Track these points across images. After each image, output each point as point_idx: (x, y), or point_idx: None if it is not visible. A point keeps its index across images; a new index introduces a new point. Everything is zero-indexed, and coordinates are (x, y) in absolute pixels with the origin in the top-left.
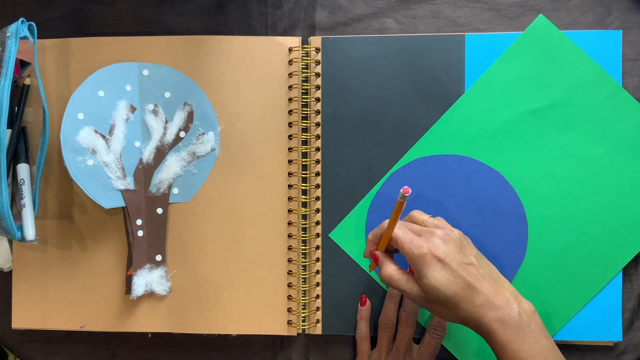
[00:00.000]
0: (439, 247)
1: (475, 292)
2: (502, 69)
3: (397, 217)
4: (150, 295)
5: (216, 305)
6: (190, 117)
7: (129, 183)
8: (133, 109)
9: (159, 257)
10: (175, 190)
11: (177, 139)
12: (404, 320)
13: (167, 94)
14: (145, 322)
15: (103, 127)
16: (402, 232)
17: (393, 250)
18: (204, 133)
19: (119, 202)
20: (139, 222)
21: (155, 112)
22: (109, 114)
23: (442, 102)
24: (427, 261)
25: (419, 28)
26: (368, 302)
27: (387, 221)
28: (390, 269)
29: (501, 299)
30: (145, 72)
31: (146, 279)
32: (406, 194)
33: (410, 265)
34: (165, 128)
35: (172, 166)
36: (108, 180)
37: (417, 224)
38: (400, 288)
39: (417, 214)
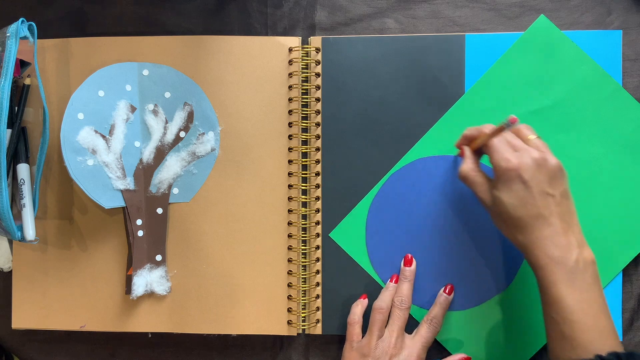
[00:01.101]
0: (529, 168)
1: (542, 224)
2: (503, 69)
3: (498, 134)
4: (150, 295)
5: (216, 305)
6: (190, 117)
7: (129, 183)
8: (133, 109)
9: (159, 257)
10: (175, 190)
11: (177, 139)
12: (397, 304)
13: (167, 94)
14: (145, 322)
15: (103, 127)
16: (498, 141)
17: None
18: (204, 133)
19: (119, 202)
20: (139, 222)
21: (155, 112)
22: (109, 114)
23: (442, 102)
24: (510, 177)
25: (419, 28)
26: (367, 301)
27: (488, 126)
28: (469, 167)
29: (564, 240)
30: (145, 72)
31: (146, 279)
32: (512, 123)
33: (494, 173)
34: (165, 128)
35: (172, 166)
36: (108, 180)
37: (520, 138)
38: (473, 187)
39: (525, 129)
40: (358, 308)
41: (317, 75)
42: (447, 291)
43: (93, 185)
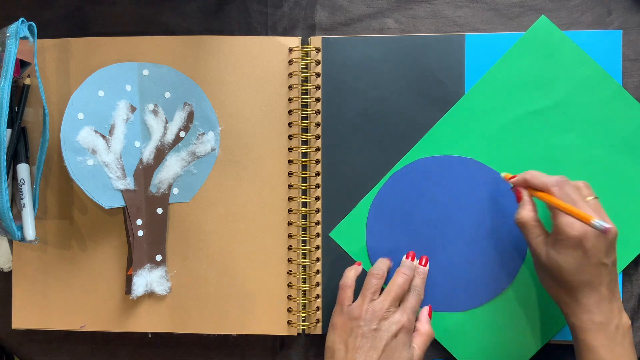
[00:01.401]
0: (591, 239)
1: (590, 291)
2: (504, 70)
3: (569, 208)
4: (150, 295)
5: (216, 305)
6: (190, 117)
7: (129, 183)
8: (133, 109)
9: (159, 257)
10: (175, 190)
11: (177, 139)
12: (401, 272)
13: (167, 94)
14: (145, 322)
15: (103, 127)
16: (570, 206)
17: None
18: (204, 133)
19: (119, 202)
20: (139, 222)
21: (155, 112)
22: (109, 114)
23: (442, 102)
24: (571, 244)
25: (419, 28)
26: (361, 267)
27: (555, 179)
28: (530, 216)
29: (608, 307)
30: (145, 72)
31: (146, 279)
32: (605, 232)
33: (553, 231)
34: (165, 128)
35: (172, 166)
36: (108, 180)
37: (579, 195)
38: (528, 238)
39: (585, 188)
40: (351, 272)
41: (317, 75)
42: (423, 263)
43: (93, 185)
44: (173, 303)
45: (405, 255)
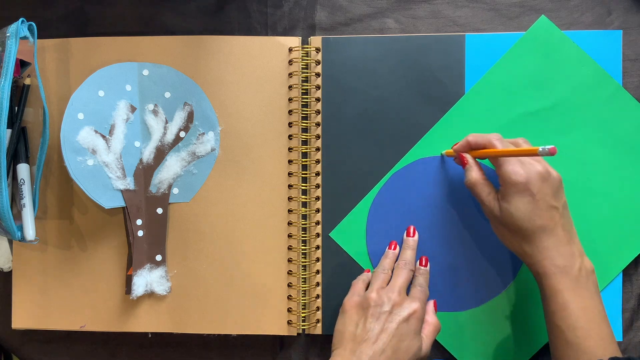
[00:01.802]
0: (535, 182)
1: (547, 235)
2: (504, 70)
3: (515, 149)
4: (150, 295)
5: (216, 305)
6: (190, 117)
7: (129, 183)
8: (133, 109)
9: (159, 257)
10: (175, 190)
11: (177, 139)
12: (401, 266)
13: (167, 94)
14: (145, 322)
15: (103, 127)
16: (515, 148)
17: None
18: (204, 133)
19: (119, 202)
20: (139, 222)
21: (155, 112)
22: (109, 114)
23: (442, 102)
24: (519, 189)
25: (419, 28)
26: (370, 274)
27: (494, 135)
28: (478, 176)
29: (567, 250)
30: (145, 72)
31: (146, 279)
32: (552, 153)
33: (500, 184)
34: (165, 128)
35: (172, 166)
36: (108, 180)
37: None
38: (480, 197)
39: (523, 142)
40: (365, 274)
41: (317, 75)
42: (423, 263)
43: (93, 185)
44: (173, 303)
45: (405, 233)
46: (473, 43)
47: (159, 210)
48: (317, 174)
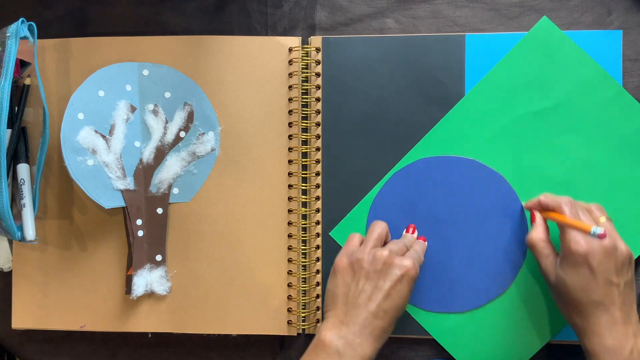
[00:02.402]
0: (597, 255)
1: (601, 312)
2: (505, 70)
3: (572, 221)
4: (150, 295)
5: (216, 305)
6: (190, 117)
7: (129, 183)
8: (133, 109)
9: (159, 257)
10: (175, 190)
11: (177, 139)
12: (397, 240)
13: (167, 94)
14: (145, 322)
15: (103, 127)
16: (573, 219)
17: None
18: (204, 133)
19: (119, 202)
20: (139, 222)
21: (155, 112)
22: (109, 114)
23: (442, 102)
24: (578, 261)
25: (419, 28)
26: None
27: (565, 199)
28: (540, 236)
29: (621, 330)
30: (145, 72)
31: (146, 279)
32: (601, 238)
33: (561, 250)
34: (165, 128)
35: (172, 166)
36: (108, 180)
37: (591, 216)
38: (538, 258)
39: (596, 209)
40: (356, 237)
41: (317, 75)
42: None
43: (93, 185)
44: (173, 303)
45: (405, 230)
46: (473, 43)
47: (159, 210)
48: (317, 174)
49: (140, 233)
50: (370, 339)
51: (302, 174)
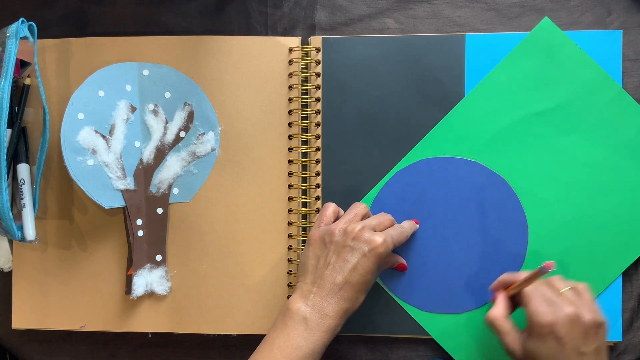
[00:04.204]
0: (563, 325)
1: None
2: (506, 71)
3: (533, 281)
4: (150, 295)
5: (216, 305)
6: (190, 117)
7: (129, 183)
8: (133, 109)
9: (159, 257)
10: (175, 190)
11: (177, 139)
12: (383, 214)
13: (167, 94)
14: (145, 322)
15: (103, 127)
16: (533, 292)
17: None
18: (204, 133)
19: (119, 202)
20: (139, 222)
21: (155, 112)
22: (109, 114)
23: (443, 102)
24: (543, 332)
25: (419, 28)
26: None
27: (523, 273)
28: (498, 314)
29: None
30: (145, 72)
31: (146, 279)
32: (547, 269)
33: (527, 323)
34: (165, 128)
35: (172, 166)
36: (108, 180)
37: (553, 288)
38: (499, 336)
39: (558, 281)
40: (331, 208)
41: (317, 75)
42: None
43: (93, 185)
44: (173, 303)
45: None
46: (473, 43)
47: (159, 210)
48: (317, 174)
49: (140, 233)
50: (336, 308)
51: (302, 174)
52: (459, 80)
